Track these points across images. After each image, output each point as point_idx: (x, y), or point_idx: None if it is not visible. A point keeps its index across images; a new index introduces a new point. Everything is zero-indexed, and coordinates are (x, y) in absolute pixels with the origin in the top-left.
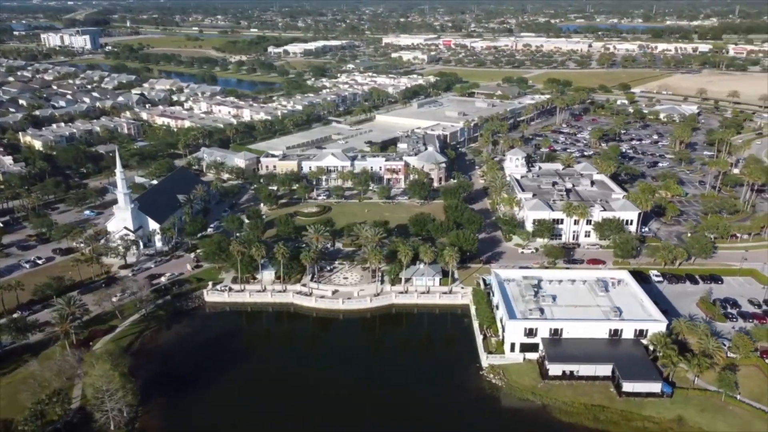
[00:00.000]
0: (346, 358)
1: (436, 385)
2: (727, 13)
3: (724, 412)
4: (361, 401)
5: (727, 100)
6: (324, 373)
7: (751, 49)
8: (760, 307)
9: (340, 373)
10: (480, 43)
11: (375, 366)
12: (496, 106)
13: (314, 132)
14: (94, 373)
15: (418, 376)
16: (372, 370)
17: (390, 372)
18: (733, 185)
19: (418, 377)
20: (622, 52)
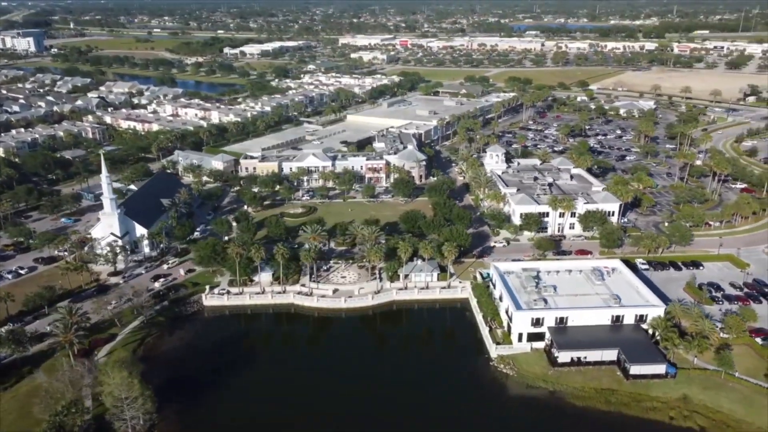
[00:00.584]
0: (355, 356)
1: (448, 377)
2: (665, 13)
3: (725, 388)
4: (376, 397)
5: (680, 95)
6: (335, 371)
7: (694, 47)
8: (742, 290)
9: (350, 371)
10: (436, 43)
11: (384, 362)
12: (465, 105)
13: (287, 133)
14: (113, 382)
15: (429, 370)
16: (382, 367)
17: (400, 367)
18: (698, 176)
19: (429, 371)
20: (573, 50)
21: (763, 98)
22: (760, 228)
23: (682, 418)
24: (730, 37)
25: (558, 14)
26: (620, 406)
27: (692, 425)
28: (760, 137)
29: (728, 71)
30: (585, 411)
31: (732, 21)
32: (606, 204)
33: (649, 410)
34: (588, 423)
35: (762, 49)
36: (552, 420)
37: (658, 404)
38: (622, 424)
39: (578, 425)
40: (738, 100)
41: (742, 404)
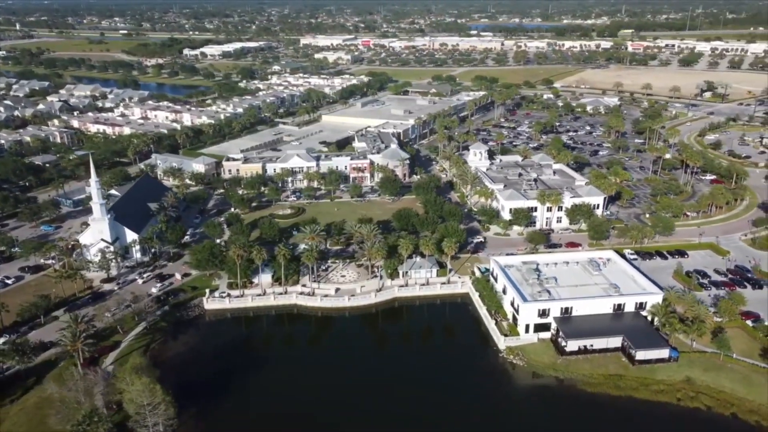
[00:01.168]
0: (364, 353)
1: (459, 369)
2: (614, 12)
3: (725, 369)
4: (392, 392)
5: (641, 92)
6: (347, 369)
7: (647, 45)
8: (726, 276)
9: (362, 367)
10: (397, 43)
11: (394, 358)
12: (437, 104)
13: (263, 134)
14: (134, 388)
15: (440, 364)
16: (393, 362)
17: (411, 362)
18: (669, 169)
19: (440, 364)
20: (533, 49)
21: (718, 94)
22: (734, 217)
23: (688, 399)
24: (679, 35)
25: (512, 14)
26: (629, 391)
27: (699, 405)
28: (721, 131)
29: (681, 68)
30: (596, 397)
31: (678, 20)
32: (591, 197)
33: (657, 393)
34: (601, 408)
35: (711, 47)
36: (567, 406)
37: (665, 387)
38: (633, 407)
39: (592, 410)
40: (695, 96)
41: (742, 384)
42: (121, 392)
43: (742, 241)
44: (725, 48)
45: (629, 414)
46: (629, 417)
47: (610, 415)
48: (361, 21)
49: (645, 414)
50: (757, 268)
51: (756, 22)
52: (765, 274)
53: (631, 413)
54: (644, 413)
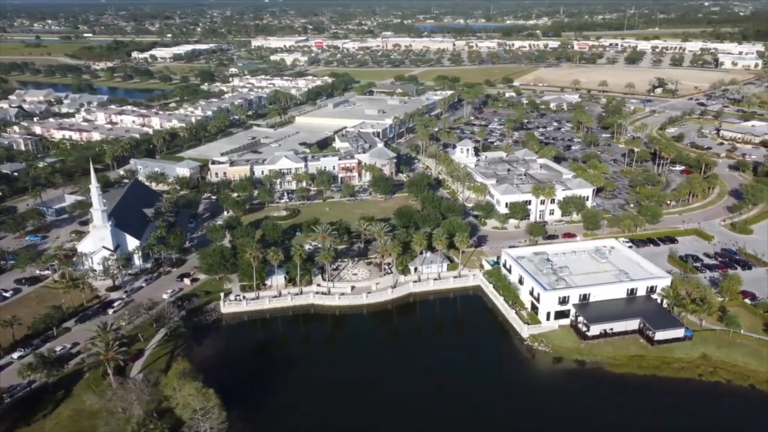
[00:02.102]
0: (392, 348)
1: (488, 358)
2: (553, 13)
3: (735, 345)
4: (428, 384)
5: (598, 89)
6: (380, 364)
7: (592, 44)
8: (716, 259)
9: (393, 361)
10: (350, 44)
11: (422, 351)
12: (408, 103)
13: (239, 137)
14: (187, 393)
15: (466, 354)
16: (422, 355)
17: (438, 354)
18: (641, 161)
19: (467, 355)
20: (484, 49)
21: (668, 90)
22: (710, 204)
23: (708, 374)
24: (620, 35)
25: (456, 15)
26: (653, 370)
27: (719, 379)
28: (679, 124)
29: (628, 66)
30: (623, 377)
31: (615, 20)
32: (581, 189)
33: (678, 370)
34: (630, 387)
35: (651, 46)
36: (598, 387)
37: (684, 364)
38: (659, 385)
39: (622, 389)
40: (648, 92)
41: (753, 357)
42: (167, 398)
43: (722, 226)
44: (665, 46)
45: (657, 391)
46: (657, 394)
47: (640, 393)
48: (308, 22)
49: (671, 390)
50: (743, 251)
51: (686, 21)
52: (751, 256)
53: (659, 390)
54: (670, 390)
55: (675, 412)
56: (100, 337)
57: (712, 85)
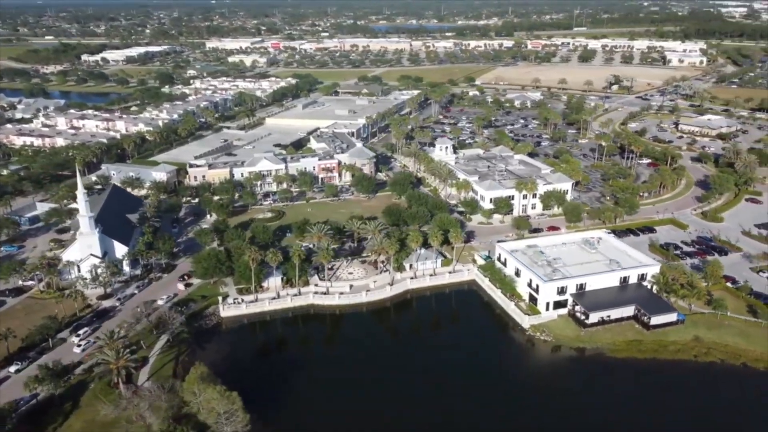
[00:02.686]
0: (397, 344)
1: (492, 349)
2: (502, 13)
3: (724, 327)
4: (441, 375)
5: (558, 86)
6: (388, 360)
7: (545, 44)
8: (694, 246)
9: (402, 357)
10: (307, 45)
11: (427, 345)
12: (377, 103)
13: (210, 140)
14: (211, 397)
15: (471, 346)
16: (428, 349)
17: (444, 347)
18: (609, 155)
19: (471, 346)
20: (441, 49)
21: (624, 86)
22: (679, 195)
23: (703, 355)
24: (570, 34)
25: (408, 16)
26: (652, 353)
27: (714, 359)
28: (639, 119)
29: (581, 64)
30: (625, 361)
31: (562, 20)
32: (561, 183)
33: (675, 353)
34: (632, 370)
35: (601, 44)
36: (602, 371)
37: (680, 347)
38: (659, 367)
39: (626, 372)
40: (604, 89)
41: (741, 337)
42: (186, 404)
43: (694, 215)
44: (614, 45)
45: (658, 373)
46: (659, 376)
47: (643, 376)
48: (260, 23)
49: (671, 372)
50: (718, 238)
51: (630, 21)
52: (726, 243)
53: (659, 372)
54: (670, 371)
55: (678, 392)
56: (108, 345)
57: (665, 81)
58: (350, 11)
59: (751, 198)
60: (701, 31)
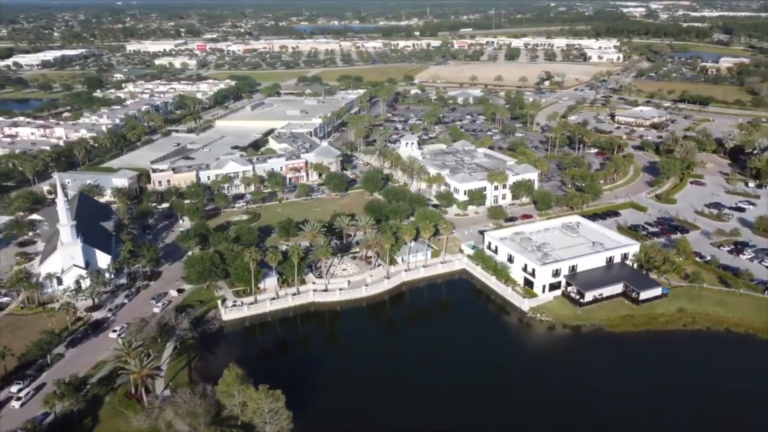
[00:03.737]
0: (407, 334)
1: (497, 332)
2: (421, 14)
3: (702, 297)
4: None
5: (494, 83)
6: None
7: (470, 43)
8: (657, 227)
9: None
10: (234, 46)
11: (435, 333)
12: (325, 103)
13: (161, 144)
14: (255, 396)
15: (476, 331)
16: (437, 337)
17: (451, 334)
18: (560, 146)
19: (477, 331)
20: (370, 49)
21: (555, 82)
22: (631, 181)
23: (690, 324)
24: (491, 33)
25: (328, 17)
26: (644, 326)
27: (700, 327)
28: (576, 112)
29: (508, 62)
30: (623, 335)
31: (479, 21)
32: (528, 174)
33: (665, 324)
34: (630, 342)
35: (524, 43)
36: (604, 345)
37: (668, 318)
38: (654, 337)
39: (625, 345)
40: (537, 85)
41: (719, 306)
42: (223, 406)
43: (649, 198)
44: (535, 43)
45: (653, 343)
46: (655, 345)
47: (641, 347)
48: (176, 25)
49: (665, 341)
50: (677, 218)
51: (544, 20)
52: (684, 222)
53: (655, 342)
54: (664, 341)
55: (674, 359)
56: (128, 354)
57: (592, 76)
58: (268, 12)
59: (695, 181)
60: (611, 30)
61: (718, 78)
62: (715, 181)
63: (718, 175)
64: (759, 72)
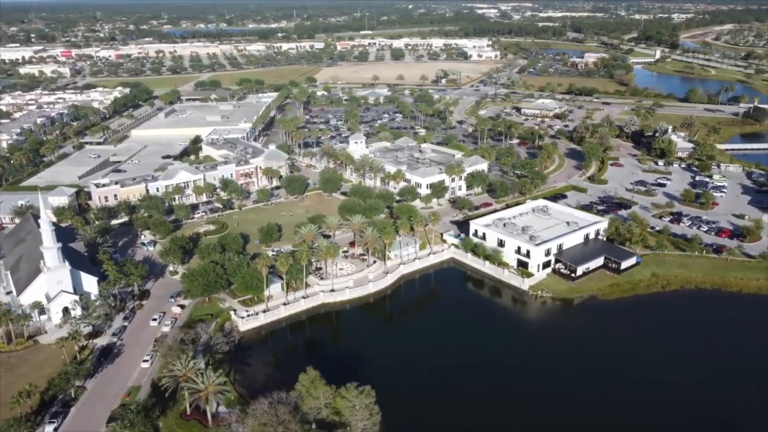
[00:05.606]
0: (423, 323)
1: (507, 311)
2: (288, 17)
3: (667, 263)
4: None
5: (396, 82)
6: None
7: (353, 44)
8: (604, 205)
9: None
10: (103, 52)
11: (448, 318)
12: (242, 107)
13: (78, 158)
14: (348, 395)
15: (485, 312)
16: (451, 321)
17: (463, 317)
18: (485, 138)
19: (486, 312)
20: (254, 52)
21: (451, 79)
22: (560, 166)
23: (667, 286)
24: (368, 35)
25: (193, 20)
26: (631, 291)
27: (675, 287)
28: (483, 107)
29: (396, 62)
30: (617, 301)
31: (349, 22)
32: (479, 165)
33: (647, 288)
34: (625, 306)
35: (404, 43)
36: (604, 311)
37: (647, 283)
38: (642, 300)
39: (623, 308)
40: (433, 82)
41: (683, 268)
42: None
43: (584, 181)
44: (414, 44)
45: (643, 305)
46: (645, 307)
47: (635, 309)
48: (20, 30)
49: (653, 303)
50: (617, 196)
51: (412, 22)
52: (623, 199)
53: (644, 304)
54: (652, 302)
55: (665, 315)
56: (188, 371)
57: (485, 74)
58: (121, 15)
59: (614, 163)
60: (477, 29)
61: (590, 72)
62: (629, 162)
63: (629, 156)
64: (621, 65)
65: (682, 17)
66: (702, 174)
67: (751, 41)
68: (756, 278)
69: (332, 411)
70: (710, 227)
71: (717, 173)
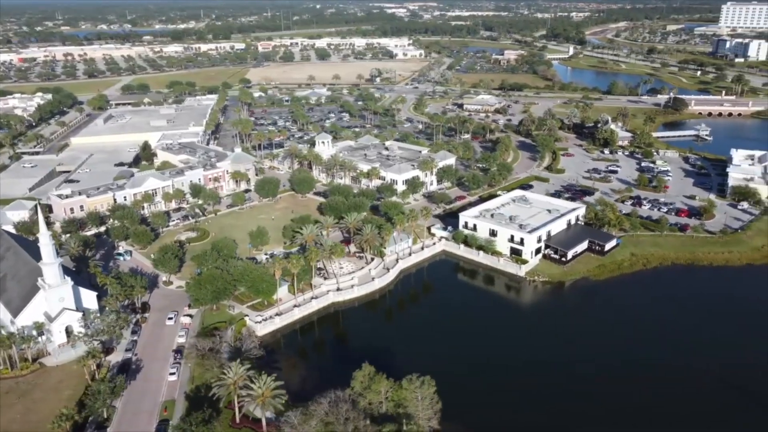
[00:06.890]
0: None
1: (508, 297)
2: (195, 17)
3: (641, 243)
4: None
5: (332, 82)
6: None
7: (274, 45)
8: (569, 192)
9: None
10: (5, 56)
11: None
12: (184, 111)
13: (16, 169)
14: (409, 386)
15: (488, 299)
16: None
17: (469, 305)
18: (440, 134)
19: (489, 299)
20: (172, 53)
21: (386, 78)
22: (516, 158)
23: (647, 264)
24: (286, 35)
25: (93, 21)
26: (617, 271)
27: (655, 265)
28: (426, 104)
29: (323, 62)
30: (607, 280)
31: (261, 22)
32: (448, 160)
33: (631, 267)
34: (615, 285)
35: (326, 43)
36: (599, 290)
37: (629, 262)
38: (628, 278)
39: (615, 287)
40: (368, 81)
41: (656, 247)
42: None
43: (542, 171)
44: (336, 44)
45: (630, 283)
46: (633, 284)
47: (624, 287)
48: None
49: (638, 281)
50: (578, 183)
51: (325, 22)
52: (585, 186)
53: (631, 282)
54: (637, 280)
55: (652, 290)
56: (240, 378)
57: (417, 72)
58: (9, 17)
59: (565, 153)
60: (394, 29)
61: (514, 68)
62: (577, 152)
63: (576, 147)
64: (541, 62)
65: (580, 16)
66: (646, 160)
67: (648, 38)
68: (721, 252)
69: (393, 405)
70: (669, 208)
71: (659, 159)
